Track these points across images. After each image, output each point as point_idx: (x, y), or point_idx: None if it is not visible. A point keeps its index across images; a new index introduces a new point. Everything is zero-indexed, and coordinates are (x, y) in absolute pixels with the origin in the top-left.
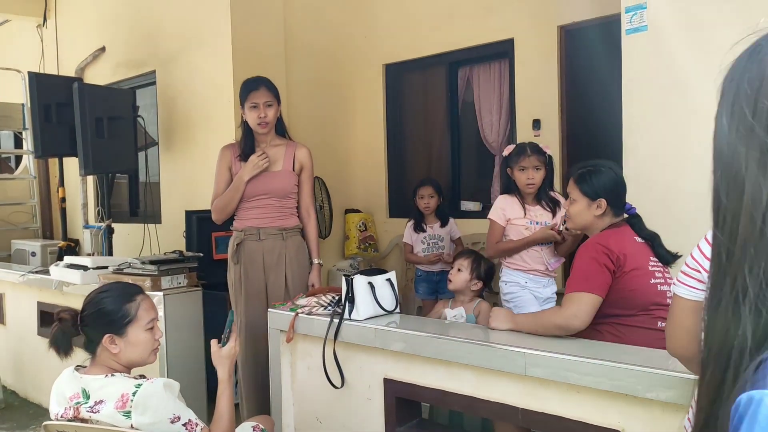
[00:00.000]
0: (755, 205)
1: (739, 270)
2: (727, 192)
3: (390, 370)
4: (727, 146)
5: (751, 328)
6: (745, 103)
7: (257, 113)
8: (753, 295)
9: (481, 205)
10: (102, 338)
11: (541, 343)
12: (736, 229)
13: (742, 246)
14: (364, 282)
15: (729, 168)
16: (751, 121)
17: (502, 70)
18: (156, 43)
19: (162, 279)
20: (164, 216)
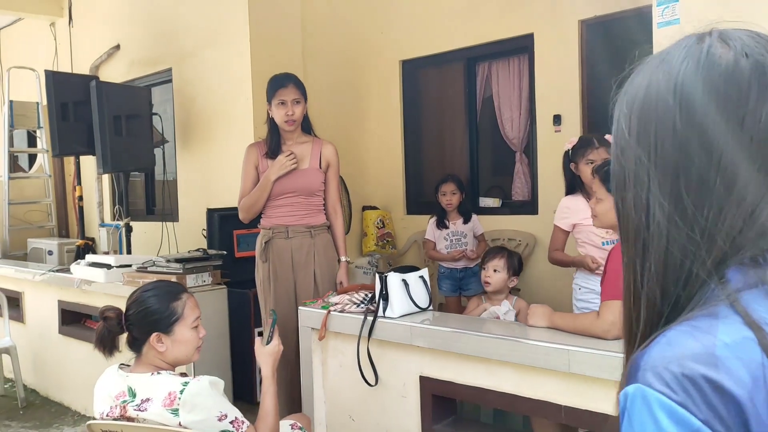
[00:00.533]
0: (636, 211)
1: (631, 268)
2: (622, 201)
3: (426, 367)
4: (615, 159)
5: (641, 322)
6: (624, 123)
7: (285, 110)
8: (646, 293)
9: (500, 201)
10: (148, 337)
11: (585, 341)
12: (626, 232)
13: (633, 246)
14: (398, 279)
15: (620, 178)
16: (627, 138)
17: (521, 66)
18: (172, 41)
19: (187, 277)
20: (182, 214)
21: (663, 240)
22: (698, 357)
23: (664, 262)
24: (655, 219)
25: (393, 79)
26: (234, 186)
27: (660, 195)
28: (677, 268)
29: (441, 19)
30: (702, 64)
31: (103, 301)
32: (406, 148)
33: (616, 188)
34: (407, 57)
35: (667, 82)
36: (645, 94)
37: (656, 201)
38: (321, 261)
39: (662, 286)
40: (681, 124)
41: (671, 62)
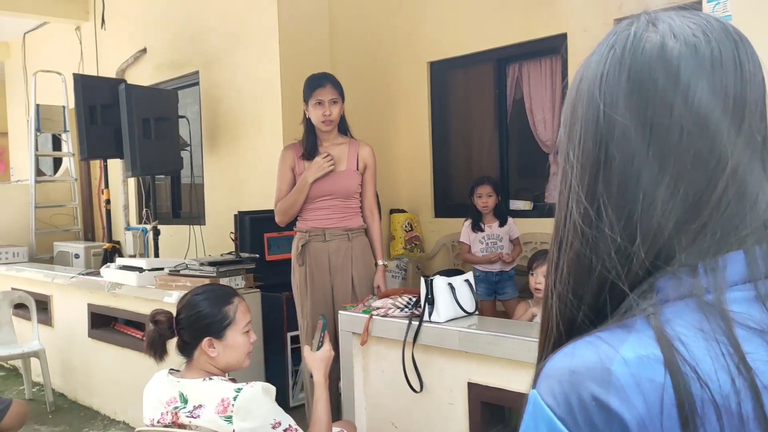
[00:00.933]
0: (559, 209)
1: (549, 269)
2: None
3: (474, 373)
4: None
5: (552, 326)
6: (563, 118)
7: (322, 111)
8: (558, 292)
9: (532, 204)
10: (199, 341)
11: None
12: (553, 232)
13: (551, 246)
14: (444, 283)
15: (558, 177)
16: (562, 134)
17: (554, 67)
18: (199, 44)
19: (220, 280)
20: (209, 217)
21: (576, 241)
22: (591, 372)
23: (576, 265)
24: (571, 218)
25: (421, 81)
26: (263, 189)
27: (579, 193)
28: (591, 273)
29: (470, 20)
30: (627, 50)
31: (134, 304)
32: (435, 151)
33: (556, 186)
34: (435, 58)
35: (594, 74)
36: (577, 88)
37: (574, 199)
38: (359, 265)
39: (573, 291)
40: (603, 118)
41: (600, 51)
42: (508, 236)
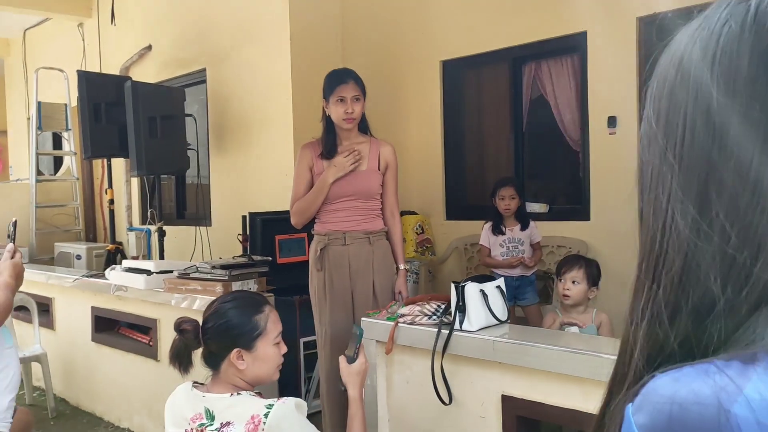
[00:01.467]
0: (655, 218)
1: (640, 286)
2: (642, 205)
3: (508, 385)
4: (640, 154)
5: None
6: (652, 107)
7: (344, 108)
8: (650, 314)
9: (547, 207)
10: (228, 353)
11: None
12: (643, 244)
13: (646, 260)
14: (476, 290)
15: (642, 178)
16: (654, 128)
17: (573, 66)
18: (206, 41)
19: (233, 284)
20: (215, 218)
21: (680, 257)
22: (703, 410)
23: (678, 285)
24: (676, 227)
25: (433, 80)
26: (273, 189)
27: (683, 199)
28: (694, 294)
29: (483, 18)
30: (748, 28)
31: (141, 308)
32: (447, 152)
33: (639, 190)
34: (448, 57)
35: (704, 53)
36: (677, 70)
37: (677, 207)
38: (380, 269)
39: (671, 315)
40: (719, 106)
41: (709, 27)
42: (529, 240)
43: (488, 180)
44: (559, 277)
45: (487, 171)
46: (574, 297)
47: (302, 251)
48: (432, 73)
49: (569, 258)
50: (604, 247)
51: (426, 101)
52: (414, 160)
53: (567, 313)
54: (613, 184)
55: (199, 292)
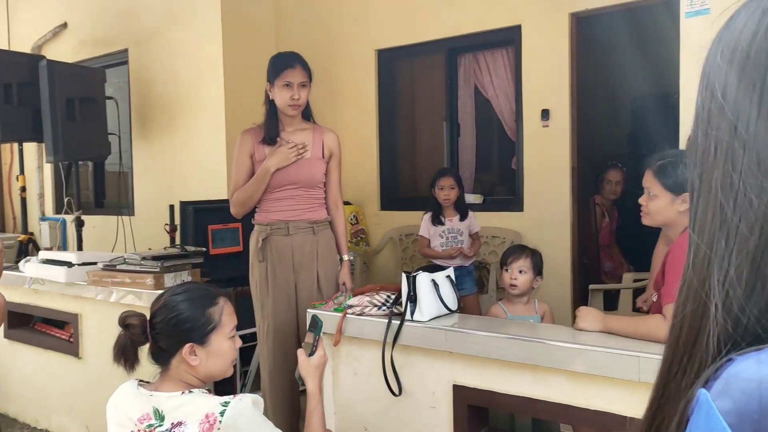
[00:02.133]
0: (724, 195)
1: (704, 270)
2: (700, 178)
3: (459, 375)
4: (699, 128)
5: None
6: (716, 80)
7: (290, 94)
8: (723, 293)
9: (482, 198)
10: (178, 348)
11: (653, 347)
12: (703, 223)
13: (712, 241)
14: (428, 280)
15: (702, 151)
16: (720, 101)
17: (508, 59)
18: (129, 20)
19: (165, 276)
20: (138, 207)
21: (754, 237)
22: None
23: (751, 266)
24: (750, 204)
25: (368, 69)
26: (203, 177)
27: (760, 176)
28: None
29: (420, 8)
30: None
31: (59, 302)
32: (381, 142)
33: (695, 165)
34: (383, 46)
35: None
36: (752, 41)
37: (751, 180)
38: (324, 260)
39: (743, 298)
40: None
41: (750, 16)
42: (468, 230)
43: (423, 171)
44: (505, 267)
45: (422, 162)
46: (521, 286)
47: (236, 242)
48: (367, 62)
49: (514, 248)
50: (536, 237)
51: (361, 90)
52: (348, 150)
53: (511, 303)
54: (546, 176)
55: (127, 285)
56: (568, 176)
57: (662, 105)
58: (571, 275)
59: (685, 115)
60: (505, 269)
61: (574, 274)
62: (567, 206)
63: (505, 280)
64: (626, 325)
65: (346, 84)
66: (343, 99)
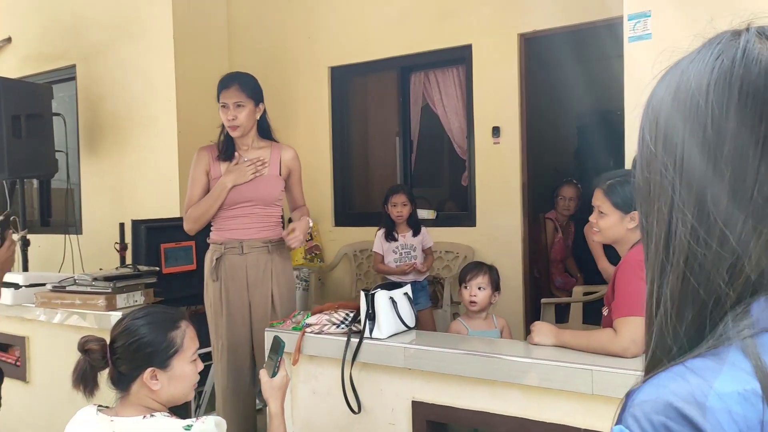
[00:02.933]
0: (658, 226)
1: (650, 289)
2: (645, 217)
3: (418, 391)
4: (640, 174)
5: (650, 350)
6: (648, 130)
7: (226, 114)
8: (659, 322)
9: (435, 213)
10: (139, 373)
11: (606, 360)
12: (648, 251)
13: (653, 265)
14: (386, 297)
15: (642, 193)
16: (652, 147)
17: (459, 77)
18: (77, 35)
19: (117, 297)
20: (86, 226)
21: (682, 259)
22: (684, 402)
23: (681, 285)
24: (677, 235)
25: (322, 86)
26: (153, 195)
27: (684, 208)
28: (696, 295)
29: (373, 27)
30: (738, 63)
31: (5, 325)
32: (335, 158)
33: (640, 204)
34: (336, 63)
35: (699, 82)
36: (673, 97)
37: (679, 215)
38: (279, 280)
39: (678, 313)
40: (712, 129)
41: (704, 60)
42: (422, 245)
43: (377, 187)
44: (464, 284)
45: (376, 178)
46: (480, 303)
47: (190, 260)
48: (320, 79)
49: (472, 265)
50: (488, 252)
51: (314, 107)
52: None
53: (471, 319)
54: (497, 191)
55: (78, 307)
56: (519, 192)
57: (606, 121)
58: (522, 289)
59: (630, 133)
60: (464, 286)
61: (525, 288)
62: (518, 222)
63: (464, 297)
64: (581, 339)
65: (300, 101)
66: (297, 116)
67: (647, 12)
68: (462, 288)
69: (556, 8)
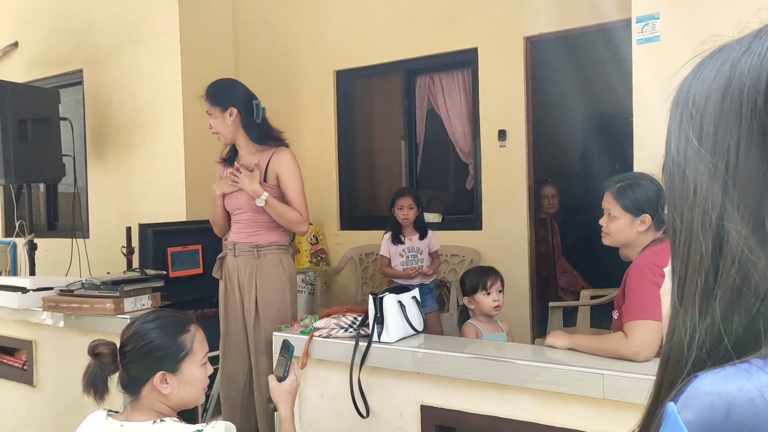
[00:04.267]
0: (704, 231)
1: (689, 303)
2: (681, 217)
3: (427, 395)
4: (673, 168)
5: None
6: (690, 126)
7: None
8: (709, 322)
9: (440, 216)
10: (150, 377)
11: (618, 364)
12: (685, 259)
13: (695, 277)
14: (395, 301)
15: (681, 192)
16: (696, 145)
17: (465, 80)
18: (84, 40)
19: (125, 301)
20: (93, 230)
21: (735, 268)
22: (751, 403)
23: (731, 302)
24: (729, 247)
25: (327, 90)
26: (161, 199)
27: (737, 214)
28: (751, 302)
29: (378, 30)
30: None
31: (12, 329)
32: (341, 162)
33: (674, 204)
34: (342, 67)
35: (756, 79)
36: (723, 90)
37: (731, 221)
38: (264, 287)
39: (723, 329)
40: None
41: (760, 53)
42: (428, 249)
43: (382, 190)
44: (485, 291)
45: (381, 181)
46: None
47: (196, 264)
48: (326, 83)
49: (484, 269)
50: (495, 256)
51: (320, 110)
52: (308, 170)
53: (481, 323)
54: (504, 195)
55: (86, 311)
56: (525, 195)
57: (614, 124)
58: (529, 292)
59: (639, 135)
60: (486, 293)
61: (532, 290)
62: (524, 224)
63: (487, 303)
64: (593, 342)
65: (305, 104)
66: (302, 119)
67: (656, 14)
68: (483, 295)
69: (562, 11)
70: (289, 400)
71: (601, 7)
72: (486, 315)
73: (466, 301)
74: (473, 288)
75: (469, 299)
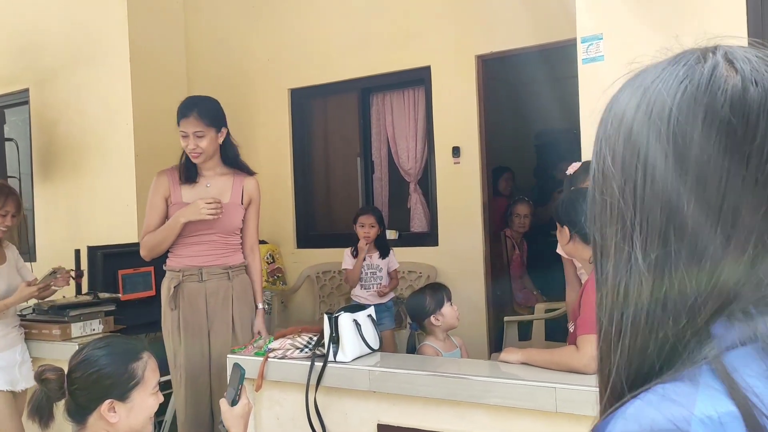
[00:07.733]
0: (617, 251)
1: (607, 314)
2: (600, 234)
3: (383, 414)
4: (595, 186)
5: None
6: (606, 145)
7: (186, 143)
8: (621, 352)
9: (397, 233)
10: (98, 404)
11: (570, 377)
12: (604, 272)
13: (611, 290)
14: (350, 320)
15: (600, 209)
16: (610, 165)
17: (417, 98)
18: (31, 58)
19: (72, 326)
20: (40, 252)
21: (646, 287)
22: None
23: (646, 314)
24: (638, 262)
25: (282, 108)
26: (110, 221)
27: (645, 235)
28: (658, 328)
29: (333, 49)
30: (703, 89)
31: None
32: (296, 180)
33: (594, 219)
34: (296, 85)
35: (662, 106)
36: (634, 116)
37: (639, 242)
38: (240, 305)
39: (643, 340)
40: (674, 158)
41: (667, 82)
42: (387, 268)
43: (339, 208)
44: (449, 302)
45: (338, 199)
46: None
47: (148, 286)
48: (281, 101)
49: (434, 285)
50: (451, 271)
51: (275, 129)
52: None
53: (438, 340)
54: (458, 211)
55: (33, 336)
56: (479, 211)
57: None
58: (485, 306)
59: (586, 150)
60: (450, 303)
61: (488, 305)
62: (479, 240)
63: (453, 314)
64: (545, 357)
65: (260, 123)
66: (257, 138)
67: (599, 35)
68: (447, 308)
69: (513, 30)
70: (241, 425)
71: (549, 27)
72: (450, 328)
73: (433, 320)
74: (439, 303)
75: (435, 317)
